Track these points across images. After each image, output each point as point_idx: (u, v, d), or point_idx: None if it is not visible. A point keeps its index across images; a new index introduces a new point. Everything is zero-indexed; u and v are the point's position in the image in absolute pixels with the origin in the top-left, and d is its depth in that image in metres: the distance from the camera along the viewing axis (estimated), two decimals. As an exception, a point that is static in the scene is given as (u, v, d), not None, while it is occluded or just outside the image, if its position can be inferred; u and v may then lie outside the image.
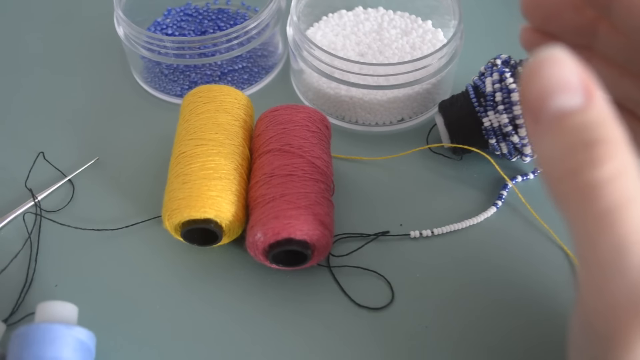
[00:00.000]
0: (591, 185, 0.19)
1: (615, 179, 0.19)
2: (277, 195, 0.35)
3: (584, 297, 0.21)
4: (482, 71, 0.41)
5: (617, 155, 0.19)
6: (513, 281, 0.38)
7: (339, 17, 0.49)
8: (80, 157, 0.44)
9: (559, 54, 0.20)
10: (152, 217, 0.40)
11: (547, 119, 0.20)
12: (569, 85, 0.19)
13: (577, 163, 0.19)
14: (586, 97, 0.19)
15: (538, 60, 0.20)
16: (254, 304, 0.37)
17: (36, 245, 0.39)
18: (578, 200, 0.19)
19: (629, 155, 0.19)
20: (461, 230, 0.40)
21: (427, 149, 0.44)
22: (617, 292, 0.20)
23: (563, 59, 0.20)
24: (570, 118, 0.19)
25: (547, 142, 0.20)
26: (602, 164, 0.19)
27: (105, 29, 0.51)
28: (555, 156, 0.20)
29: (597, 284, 0.20)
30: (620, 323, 0.20)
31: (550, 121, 0.20)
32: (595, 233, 0.19)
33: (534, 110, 0.20)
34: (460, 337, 0.35)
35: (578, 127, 0.19)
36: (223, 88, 0.40)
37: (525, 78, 0.20)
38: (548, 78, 0.19)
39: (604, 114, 0.19)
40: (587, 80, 0.20)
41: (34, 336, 0.31)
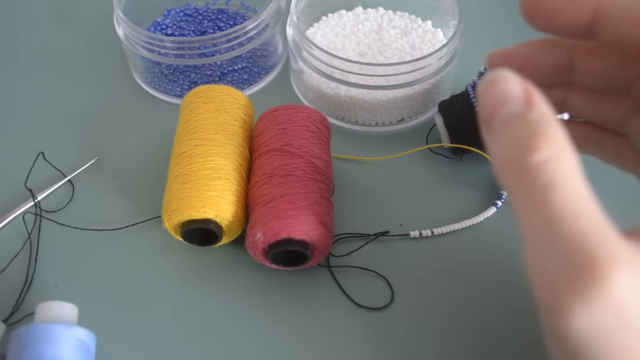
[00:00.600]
0: (526, 168, 0.22)
1: (549, 162, 0.22)
2: (277, 195, 0.35)
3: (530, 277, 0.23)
4: (482, 71, 0.41)
5: (551, 144, 0.22)
6: (513, 281, 0.38)
7: (338, 17, 0.49)
8: (80, 157, 0.44)
9: (503, 74, 0.23)
10: (152, 217, 0.40)
11: (497, 126, 0.23)
12: (512, 97, 0.23)
13: (516, 152, 0.22)
14: (527, 103, 0.23)
15: (487, 80, 0.24)
16: (254, 304, 0.37)
17: (36, 245, 0.39)
18: (516, 182, 0.22)
19: (565, 146, 0.22)
20: (461, 230, 0.40)
21: (427, 149, 0.44)
22: (551, 264, 0.22)
23: (507, 77, 0.23)
24: (513, 121, 0.23)
25: (496, 144, 0.23)
26: (537, 150, 0.22)
27: (105, 29, 0.51)
28: (502, 151, 0.23)
29: (535, 260, 0.22)
30: (555, 293, 0.21)
31: (499, 127, 0.23)
32: (531, 211, 0.22)
33: (487, 121, 0.24)
34: (460, 337, 0.35)
35: (519, 127, 0.23)
36: (223, 88, 0.40)
37: (478, 96, 0.24)
38: (495, 93, 0.23)
39: (543, 115, 0.23)
40: (529, 90, 0.23)
41: (34, 336, 0.31)
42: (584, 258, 0.21)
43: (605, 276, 0.20)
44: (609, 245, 0.21)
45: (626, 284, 0.21)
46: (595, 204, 0.22)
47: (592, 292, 0.21)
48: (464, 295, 0.37)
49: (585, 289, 0.21)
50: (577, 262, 0.21)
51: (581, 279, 0.21)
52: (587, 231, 0.21)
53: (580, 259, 0.21)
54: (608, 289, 0.20)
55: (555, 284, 0.21)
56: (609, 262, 0.21)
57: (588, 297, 0.21)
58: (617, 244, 0.21)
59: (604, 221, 0.22)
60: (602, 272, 0.21)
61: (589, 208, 0.22)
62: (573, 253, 0.21)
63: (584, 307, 0.21)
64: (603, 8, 0.25)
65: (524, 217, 0.23)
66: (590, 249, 0.21)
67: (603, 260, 0.21)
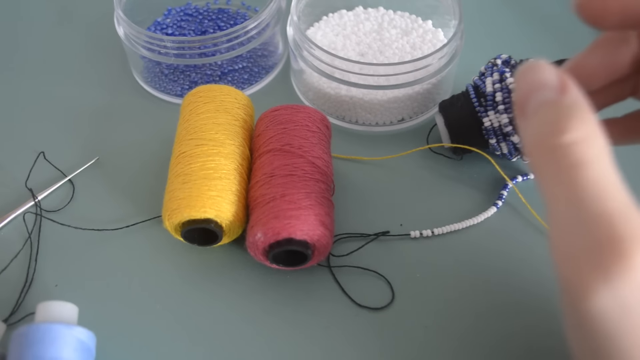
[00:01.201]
0: (556, 147, 0.22)
1: (578, 143, 0.22)
2: (277, 195, 0.35)
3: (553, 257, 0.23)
4: (483, 71, 0.41)
5: (581, 127, 0.22)
6: (513, 281, 0.38)
7: (339, 17, 0.49)
8: (80, 157, 0.44)
9: (540, 62, 0.24)
10: (152, 217, 0.40)
11: (530, 111, 0.24)
12: (546, 84, 0.24)
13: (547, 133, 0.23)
14: (561, 90, 0.23)
15: (524, 67, 0.24)
16: (255, 304, 0.37)
17: (36, 245, 0.39)
18: (548, 160, 0.23)
19: (595, 129, 0.23)
20: (461, 230, 0.40)
21: (427, 149, 0.44)
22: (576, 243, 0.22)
23: (542, 65, 0.24)
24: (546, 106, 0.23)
25: (529, 127, 0.24)
26: (567, 131, 0.22)
27: (105, 29, 0.51)
28: (533, 131, 0.24)
29: (559, 238, 0.23)
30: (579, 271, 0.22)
31: (532, 111, 0.24)
32: (558, 189, 0.22)
33: (521, 106, 0.24)
34: (460, 337, 0.35)
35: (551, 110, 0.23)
36: (223, 88, 0.40)
37: (515, 81, 0.25)
38: (531, 79, 0.24)
39: (575, 101, 0.23)
40: (563, 78, 0.24)
41: (34, 336, 0.31)
42: (609, 237, 0.21)
43: (629, 256, 0.21)
44: (634, 227, 0.21)
45: None
46: (622, 186, 0.22)
47: (616, 272, 0.21)
48: (464, 295, 0.37)
49: (609, 267, 0.21)
50: (602, 241, 0.21)
51: (605, 258, 0.21)
52: (613, 212, 0.21)
53: (605, 238, 0.21)
54: (632, 268, 0.21)
55: (579, 263, 0.22)
56: (633, 242, 0.21)
57: (611, 276, 0.21)
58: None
59: (630, 203, 0.22)
60: (626, 252, 0.21)
61: (616, 190, 0.22)
62: (598, 232, 0.21)
63: (606, 286, 0.21)
64: None
65: (551, 196, 0.23)
66: (615, 229, 0.21)
67: (628, 241, 0.21)
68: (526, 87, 0.24)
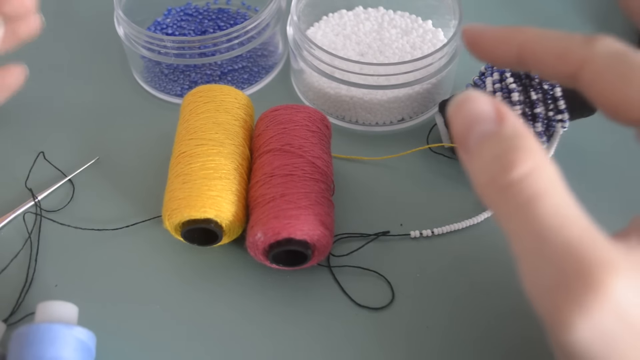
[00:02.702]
0: (507, 185, 0.22)
1: (528, 176, 0.22)
2: (277, 195, 0.35)
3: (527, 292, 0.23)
4: (482, 71, 0.41)
5: (528, 158, 0.22)
6: (513, 281, 0.37)
7: (339, 17, 0.49)
8: (80, 157, 0.44)
9: (471, 93, 0.24)
10: (152, 217, 0.40)
11: (472, 147, 0.24)
12: (483, 116, 0.23)
13: (494, 171, 0.23)
14: (498, 120, 0.23)
15: (455, 102, 0.24)
16: (255, 304, 0.37)
17: (36, 245, 0.39)
18: (500, 201, 0.23)
19: (542, 158, 0.22)
20: (461, 230, 0.40)
21: (427, 149, 0.44)
22: (546, 277, 0.21)
23: (474, 97, 0.24)
24: (487, 139, 0.23)
25: (474, 164, 0.24)
26: (515, 166, 0.22)
27: (105, 29, 0.51)
28: (480, 171, 0.23)
29: (529, 274, 0.22)
30: (553, 306, 0.21)
31: (474, 147, 0.23)
32: (518, 227, 0.22)
33: (462, 143, 0.24)
34: (460, 337, 0.35)
35: (493, 144, 0.23)
36: (223, 88, 0.40)
37: (450, 118, 0.24)
38: (466, 114, 0.24)
39: (515, 129, 0.23)
40: (499, 106, 0.23)
41: (34, 336, 0.31)
42: (577, 268, 0.21)
43: (601, 283, 0.20)
44: (600, 251, 0.21)
45: (623, 287, 0.20)
46: (580, 211, 0.22)
47: (591, 301, 0.20)
48: (464, 295, 0.37)
49: (582, 298, 0.20)
50: (570, 272, 0.21)
51: (577, 289, 0.21)
52: (576, 240, 0.21)
53: (573, 269, 0.21)
54: (606, 295, 0.20)
55: (552, 297, 0.21)
56: (603, 268, 0.21)
57: (587, 306, 0.20)
58: (607, 248, 0.21)
59: (591, 227, 0.22)
60: (597, 280, 0.20)
61: (575, 216, 0.22)
62: (565, 264, 0.21)
63: (584, 317, 0.21)
64: (525, 46, 0.27)
65: (512, 234, 0.23)
66: (582, 257, 0.21)
67: (597, 268, 0.21)
68: (463, 122, 0.24)
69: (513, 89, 0.38)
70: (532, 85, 0.38)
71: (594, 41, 0.26)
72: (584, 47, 0.26)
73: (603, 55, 0.25)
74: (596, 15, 0.53)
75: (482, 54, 0.29)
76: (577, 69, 0.26)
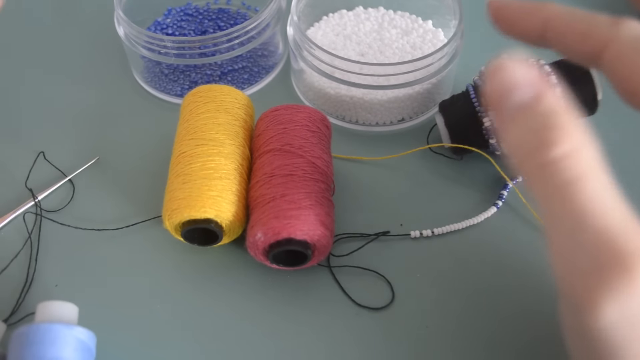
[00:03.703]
0: (547, 164, 0.22)
1: (569, 157, 0.21)
2: (277, 195, 0.35)
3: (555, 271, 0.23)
4: (483, 71, 0.41)
5: (569, 137, 0.22)
6: (513, 281, 0.38)
7: (339, 17, 0.49)
8: (80, 157, 0.44)
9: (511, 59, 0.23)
10: (152, 217, 0.40)
11: (508, 112, 0.23)
12: (522, 83, 0.23)
13: (534, 146, 0.22)
14: (537, 92, 0.23)
15: (494, 65, 0.23)
16: (255, 304, 0.37)
17: (36, 245, 0.39)
18: (539, 177, 0.22)
19: (584, 138, 0.22)
20: (461, 230, 0.40)
21: (427, 149, 0.44)
22: (579, 260, 0.21)
23: (514, 64, 0.23)
24: (524, 111, 0.23)
25: (509, 133, 0.23)
26: (555, 144, 0.22)
27: (105, 29, 0.51)
28: (516, 142, 0.23)
29: (561, 255, 0.22)
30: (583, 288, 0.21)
31: (510, 113, 0.23)
32: (555, 207, 0.22)
33: (496, 106, 0.23)
34: (460, 338, 0.35)
35: (531, 117, 0.22)
36: (223, 88, 0.40)
37: (487, 80, 0.24)
38: (503, 79, 0.23)
39: (554, 105, 0.22)
40: (538, 78, 0.23)
41: (34, 336, 0.31)
42: (614, 254, 0.21)
43: (634, 269, 0.21)
44: (637, 241, 0.21)
45: None
46: (619, 196, 0.22)
47: (622, 287, 0.21)
48: (464, 295, 0.37)
49: (615, 283, 0.21)
50: (606, 258, 0.21)
51: (611, 274, 0.21)
52: (614, 227, 0.21)
53: (609, 255, 0.21)
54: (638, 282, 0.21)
55: (583, 280, 0.21)
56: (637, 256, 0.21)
57: (618, 291, 0.21)
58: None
59: (629, 215, 0.22)
60: (631, 266, 0.21)
61: (614, 202, 0.22)
62: (602, 249, 0.21)
63: (613, 302, 0.21)
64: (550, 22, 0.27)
65: (548, 213, 0.22)
66: (619, 244, 0.21)
67: (631, 255, 0.21)
68: (498, 87, 0.23)
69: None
70: (532, 85, 0.38)
71: (619, 23, 0.26)
72: (609, 28, 0.26)
73: (627, 38, 0.25)
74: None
75: (506, 26, 0.29)
76: (600, 50, 0.26)
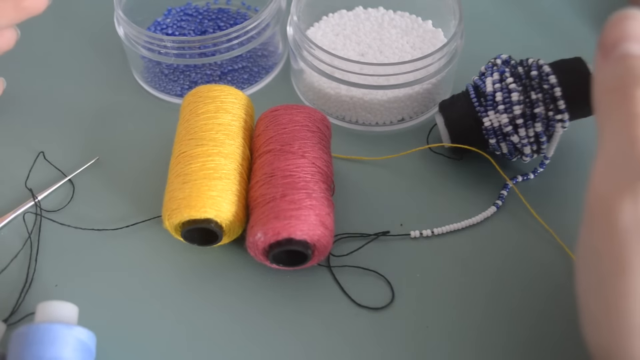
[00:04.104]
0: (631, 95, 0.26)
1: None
2: (277, 195, 0.35)
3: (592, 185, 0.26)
4: (483, 71, 0.41)
5: None
6: (513, 281, 0.38)
7: (339, 17, 0.49)
8: (80, 157, 0.44)
9: (636, 13, 0.27)
10: (152, 217, 0.40)
11: (615, 56, 0.27)
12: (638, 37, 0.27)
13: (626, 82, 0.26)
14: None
15: (621, 14, 0.27)
16: (254, 304, 0.37)
17: (36, 245, 0.39)
18: (616, 104, 0.26)
19: None
20: (461, 230, 0.40)
21: (427, 149, 0.44)
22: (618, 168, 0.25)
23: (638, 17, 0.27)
24: (632, 57, 0.26)
25: (607, 70, 0.27)
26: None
27: (105, 29, 0.51)
28: (610, 77, 0.27)
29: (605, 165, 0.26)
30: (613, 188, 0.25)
31: (616, 57, 0.27)
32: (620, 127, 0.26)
33: (607, 49, 0.27)
34: (460, 337, 0.35)
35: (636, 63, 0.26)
36: (223, 88, 0.40)
37: (607, 25, 0.28)
38: (625, 28, 0.27)
39: None
40: None
41: (34, 336, 0.31)
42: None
43: None
44: None
45: None
46: None
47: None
48: (464, 295, 0.37)
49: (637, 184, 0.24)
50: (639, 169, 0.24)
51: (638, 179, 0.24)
52: None
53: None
54: None
55: (616, 183, 0.25)
56: None
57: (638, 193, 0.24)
58: None
59: None
60: None
61: None
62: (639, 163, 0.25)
63: (632, 200, 0.24)
64: None
65: (609, 131, 0.26)
66: None
67: None
68: (617, 33, 0.27)
69: (513, 89, 0.38)
70: (532, 85, 0.38)
71: None
72: None
73: None
74: (596, 15, 0.53)
75: None
76: None
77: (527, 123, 0.38)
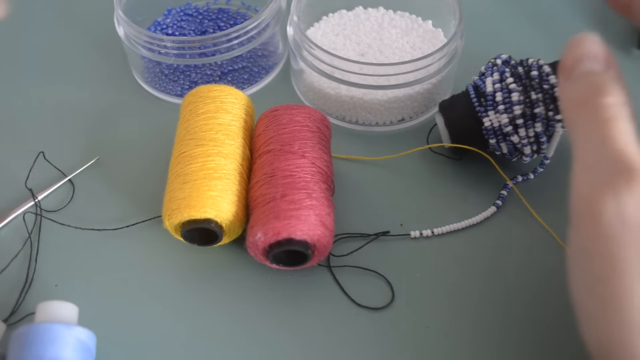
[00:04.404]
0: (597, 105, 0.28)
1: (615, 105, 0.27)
2: (277, 195, 0.35)
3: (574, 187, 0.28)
4: (483, 71, 0.41)
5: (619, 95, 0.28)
6: (513, 281, 0.38)
7: (339, 17, 0.49)
8: (80, 157, 0.44)
9: (592, 36, 0.30)
10: (152, 217, 0.40)
11: (576, 75, 0.29)
12: (595, 56, 0.29)
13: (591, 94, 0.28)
14: (607, 65, 0.29)
15: (577, 37, 0.30)
16: (254, 304, 0.37)
17: (36, 245, 0.39)
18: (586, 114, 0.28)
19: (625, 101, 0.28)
20: (461, 230, 0.40)
21: (427, 149, 0.44)
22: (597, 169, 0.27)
23: (594, 39, 0.30)
24: (592, 74, 0.29)
25: (572, 88, 0.29)
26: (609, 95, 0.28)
27: (105, 29, 0.51)
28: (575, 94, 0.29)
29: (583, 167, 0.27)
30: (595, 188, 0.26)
31: (578, 76, 0.29)
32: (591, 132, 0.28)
33: (568, 70, 0.30)
34: (460, 337, 0.35)
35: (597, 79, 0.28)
36: (223, 88, 0.40)
37: (565, 50, 0.30)
38: (583, 49, 0.30)
39: (616, 77, 0.28)
40: (609, 55, 0.29)
41: (34, 336, 0.31)
42: (624, 165, 0.26)
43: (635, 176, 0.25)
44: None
45: None
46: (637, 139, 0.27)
47: (623, 186, 0.25)
48: (464, 295, 0.37)
49: (618, 184, 0.26)
50: (618, 167, 0.26)
51: (617, 177, 0.26)
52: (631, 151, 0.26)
53: (621, 166, 0.26)
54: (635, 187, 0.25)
55: (596, 183, 0.26)
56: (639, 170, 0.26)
57: (618, 189, 0.25)
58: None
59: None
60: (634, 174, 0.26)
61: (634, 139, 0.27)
62: (616, 162, 0.26)
63: (613, 197, 0.25)
64: None
65: (582, 139, 0.28)
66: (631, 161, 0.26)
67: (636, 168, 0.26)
68: (576, 54, 0.29)
69: (513, 89, 0.38)
70: (532, 85, 0.38)
71: None
72: None
73: None
74: (596, 15, 0.53)
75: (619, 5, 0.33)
76: None
77: (527, 123, 0.38)
